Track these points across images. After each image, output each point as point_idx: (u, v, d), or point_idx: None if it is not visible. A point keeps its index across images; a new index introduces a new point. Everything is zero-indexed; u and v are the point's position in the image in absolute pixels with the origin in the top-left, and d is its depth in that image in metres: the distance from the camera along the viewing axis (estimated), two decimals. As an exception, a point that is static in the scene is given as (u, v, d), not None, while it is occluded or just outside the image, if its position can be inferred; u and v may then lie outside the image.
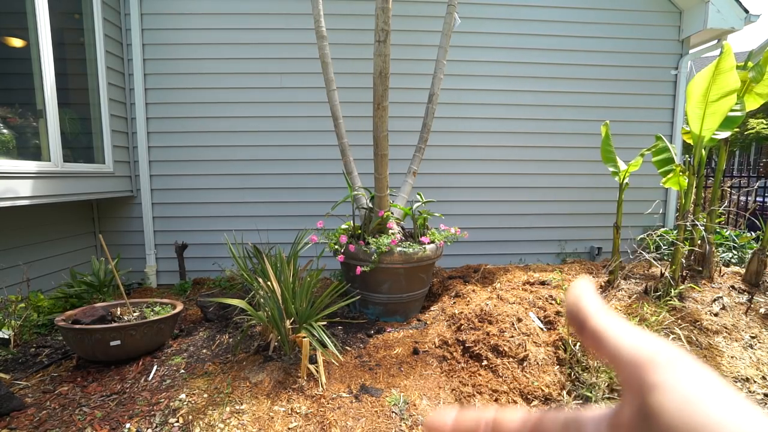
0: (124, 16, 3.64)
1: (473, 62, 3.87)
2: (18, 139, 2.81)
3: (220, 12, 3.68)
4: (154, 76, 3.70)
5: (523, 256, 4.10)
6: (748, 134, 9.76)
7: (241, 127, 3.79)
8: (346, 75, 3.66)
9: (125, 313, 2.33)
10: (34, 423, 1.67)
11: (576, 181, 4.08)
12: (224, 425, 1.67)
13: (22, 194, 2.56)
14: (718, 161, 2.93)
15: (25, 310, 2.55)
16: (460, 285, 3.07)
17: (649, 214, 4.01)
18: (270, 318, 2.14)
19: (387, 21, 2.38)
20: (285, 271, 2.27)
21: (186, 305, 3.09)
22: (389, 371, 2.10)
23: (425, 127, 2.99)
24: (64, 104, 3.03)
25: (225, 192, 3.84)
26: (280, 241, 3.69)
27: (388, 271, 2.61)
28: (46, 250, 3.16)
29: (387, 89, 2.52)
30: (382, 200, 2.71)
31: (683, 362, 0.19)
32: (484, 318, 2.39)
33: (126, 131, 3.72)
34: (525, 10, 3.87)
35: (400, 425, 1.69)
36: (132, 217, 3.81)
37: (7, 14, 2.88)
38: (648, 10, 3.94)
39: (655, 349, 0.20)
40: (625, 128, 4.00)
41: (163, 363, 2.17)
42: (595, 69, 3.97)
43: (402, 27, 3.68)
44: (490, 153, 3.99)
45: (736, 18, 3.66)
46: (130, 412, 1.74)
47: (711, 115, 2.55)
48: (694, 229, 2.81)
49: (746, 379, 2.08)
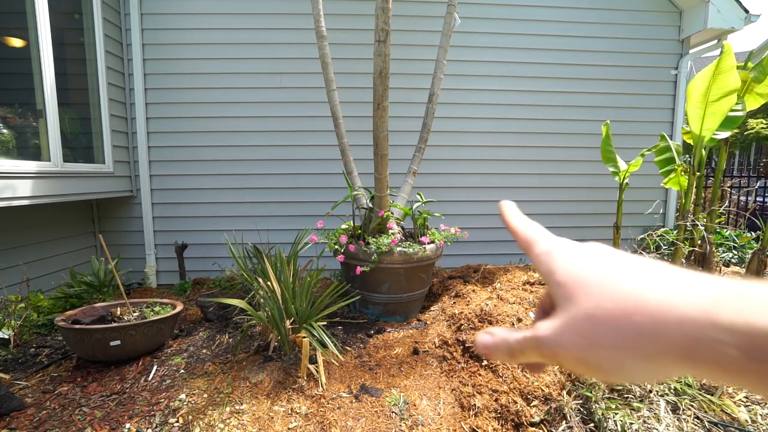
0: (124, 16, 3.64)
1: (473, 62, 3.87)
2: (18, 139, 2.81)
3: (220, 12, 3.68)
4: (153, 76, 3.70)
5: (523, 256, 4.10)
6: (748, 134, 9.76)
7: (241, 127, 3.79)
8: (346, 75, 3.66)
9: (125, 313, 2.32)
10: (34, 423, 1.67)
11: (576, 181, 4.08)
12: (224, 425, 1.67)
13: (22, 194, 2.56)
14: (718, 161, 2.93)
15: (25, 310, 2.55)
16: (460, 285, 3.07)
17: (649, 214, 4.01)
18: (270, 318, 2.14)
19: (387, 21, 2.38)
20: (285, 271, 2.27)
21: (186, 305, 3.09)
22: (389, 371, 2.10)
23: (425, 127, 2.99)
24: (64, 104, 3.02)
25: (225, 192, 3.84)
26: (280, 241, 3.69)
27: (388, 271, 2.61)
28: (46, 250, 3.16)
29: (387, 89, 2.52)
30: (382, 200, 2.71)
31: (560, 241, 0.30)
32: (485, 318, 2.39)
33: (126, 131, 3.72)
34: (525, 10, 3.87)
35: (400, 425, 1.69)
36: (132, 217, 3.80)
37: (7, 14, 2.88)
38: (648, 10, 3.94)
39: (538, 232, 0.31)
40: (625, 128, 4.00)
41: (163, 363, 2.17)
42: (595, 69, 3.97)
43: (402, 27, 3.68)
44: (490, 153, 3.99)
45: (736, 18, 3.65)
46: (130, 412, 1.74)
47: (711, 115, 2.55)
48: (695, 229, 2.81)
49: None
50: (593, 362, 0.24)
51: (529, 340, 0.27)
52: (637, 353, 0.22)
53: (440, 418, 1.74)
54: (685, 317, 0.21)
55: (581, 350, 0.24)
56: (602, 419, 1.61)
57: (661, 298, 0.22)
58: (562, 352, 0.25)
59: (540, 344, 0.26)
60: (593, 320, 0.24)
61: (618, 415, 1.60)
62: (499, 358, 0.29)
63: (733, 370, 0.20)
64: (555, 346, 0.25)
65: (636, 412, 1.64)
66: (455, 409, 1.79)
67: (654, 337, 0.22)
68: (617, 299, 0.23)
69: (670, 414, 1.62)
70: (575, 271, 0.26)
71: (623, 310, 0.23)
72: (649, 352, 0.22)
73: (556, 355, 0.25)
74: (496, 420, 1.68)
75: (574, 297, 0.25)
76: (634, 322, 0.22)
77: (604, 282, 0.25)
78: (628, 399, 1.71)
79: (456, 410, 1.79)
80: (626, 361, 0.23)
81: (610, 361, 0.23)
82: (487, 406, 1.74)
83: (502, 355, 0.29)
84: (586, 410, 1.70)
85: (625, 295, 0.23)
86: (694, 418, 1.61)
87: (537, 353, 0.27)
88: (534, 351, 0.27)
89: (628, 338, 0.22)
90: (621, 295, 0.23)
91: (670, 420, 1.59)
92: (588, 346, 0.24)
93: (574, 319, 0.25)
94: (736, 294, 0.21)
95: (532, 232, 0.31)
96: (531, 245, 0.30)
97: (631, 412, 1.63)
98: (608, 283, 0.24)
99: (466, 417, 1.72)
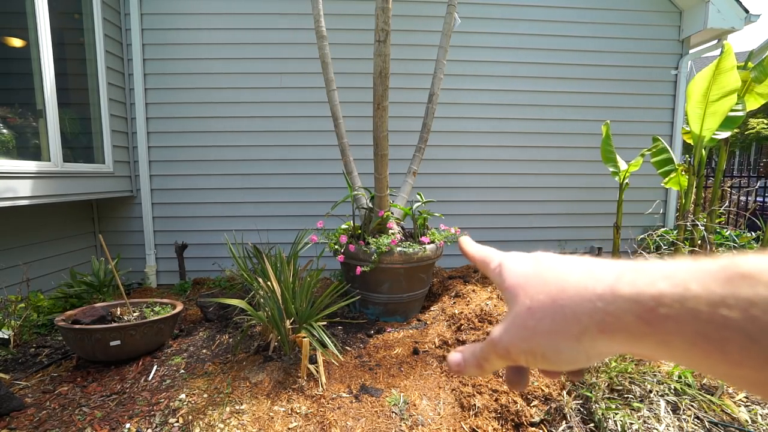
0: (124, 16, 3.64)
1: (473, 62, 3.87)
2: (18, 139, 2.81)
3: (220, 12, 3.68)
4: (153, 76, 3.70)
5: (523, 256, 4.10)
6: (749, 134, 9.76)
7: (241, 127, 3.79)
8: (346, 75, 3.65)
9: (125, 313, 2.32)
10: (34, 423, 1.67)
11: (576, 181, 4.08)
12: (224, 425, 1.67)
13: (22, 194, 2.56)
14: (718, 161, 2.93)
15: (25, 310, 2.55)
16: (460, 285, 3.07)
17: (649, 214, 4.01)
18: (270, 318, 2.14)
19: (387, 21, 2.38)
20: (285, 271, 2.27)
21: (186, 305, 3.09)
22: (389, 371, 2.10)
23: (425, 127, 2.99)
24: (64, 104, 3.02)
25: (225, 192, 3.84)
26: (280, 241, 3.68)
27: (388, 271, 2.61)
28: (46, 250, 3.16)
29: (387, 89, 2.52)
30: (382, 200, 2.71)
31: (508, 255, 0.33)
32: (485, 318, 2.39)
33: (126, 131, 3.72)
34: (525, 10, 3.87)
35: (400, 425, 1.69)
36: (132, 217, 3.80)
37: (7, 14, 2.88)
38: (648, 10, 3.94)
39: (490, 252, 0.34)
40: (626, 128, 4.00)
41: (163, 363, 2.17)
42: (595, 69, 3.97)
43: (402, 27, 3.68)
44: (490, 153, 3.99)
45: (736, 18, 3.65)
46: (129, 412, 1.74)
47: (711, 115, 2.55)
48: (695, 229, 2.81)
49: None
50: (537, 351, 0.26)
51: (487, 345, 0.29)
52: (567, 334, 0.25)
53: (440, 418, 1.74)
54: (595, 293, 0.24)
55: (525, 342, 0.27)
56: (602, 419, 1.61)
57: (577, 282, 0.26)
58: (512, 347, 0.28)
59: (495, 345, 0.29)
60: (530, 311, 0.27)
61: (618, 415, 1.60)
62: (470, 372, 0.31)
63: (635, 338, 0.22)
64: (506, 343, 0.28)
65: (636, 412, 1.63)
66: (455, 409, 1.79)
67: (575, 316, 0.24)
68: (546, 290, 0.27)
69: (670, 414, 1.62)
70: (517, 275, 0.30)
71: (551, 297, 0.26)
72: (575, 331, 0.25)
73: (509, 353, 0.28)
74: (496, 420, 1.68)
75: (517, 296, 0.28)
76: (559, 306, 0.25)
77: (538, 279, 0.28)
78: (628, 399, 1.71)
79: (456, 410, 1.79)
80: (561, 344, 0.25)
81: (549, 346, 0.26)
82: (487, 406, 1.74)
83: (473, 369, 0.31)
84: (586, 410, 1.70)
85: (552, 285, 0.27)
86: (694, 418, 1.61)
87: (496, 356, 0.29)
88: (493, 354, 0.29)
89: (557, 321, 0.25)
90: (549, 285, 0.27)
91: (670, 420, 1.58)
92: (529, 337, 0.27)
93: (517, 315, 0.28)
94: (633, 269, 0.24)
95: (485, 254, 0.35)
96: (486, 265, 0.34)
97: (631, 412, 1.63)
98: (541, 279, 0.28)
99: (466, 417, 1.72)
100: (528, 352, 0.27)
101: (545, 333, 0.26)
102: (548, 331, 0.26)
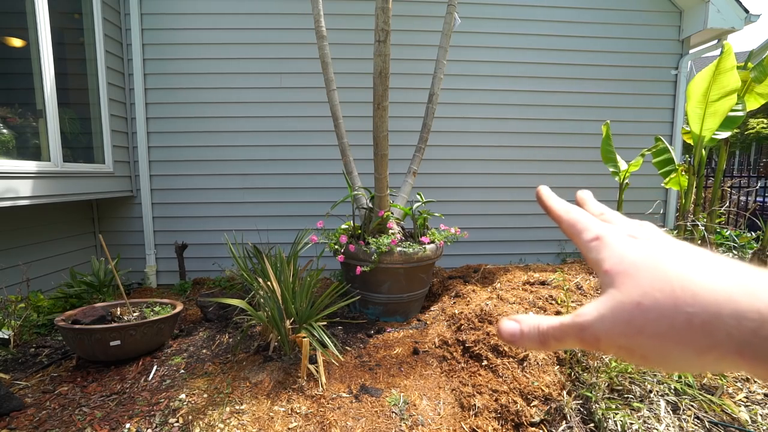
0: (124, 16, 3.64)
1: (473, 62, 3.87)
2: (18, 139, 2.81)
3: (220, 12, 3.68)
4: (154, 76, 3.70)
5: (523, 256, 4.10)
6: (749, 134, 9.76)
7: (241, 127, 3.79)
8: (346, 75, 3.66)
9: (125, 313, 2.32)
10: (34, 423, 1.67)
11: (576, 180, 4.08)
12: (224, 425, 1.67)
13: (22, 194, 2.56)
14: (718, 161, 2.93)
15: (24, 310, 2.55)
16: (460, 285, 3.07)
17: (649, 214, 4.01)
18: (270, 318, 2.14)
19: (387, 21, 2.38)
20: (285, 271, 2.27)
21: (186, 305, 3.09)
22: (389, 371, 2.10)
23: (425, 127, 2.99)
24: (64, 104, 3.02)
25: (225, 192, 3.84)
26: (280, 241, 3.69)
27: (388, 271, 2.61)
28: (46, 250, 3.16)
29: (387, 89, 2.52)
30: (382, 200, 2.71)
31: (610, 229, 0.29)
32: (484, 318, 2.39)
33: (126, 131, 3.72)
34: (524, 10, 3.87)
35: (400, 425, 1.69)
36: (132, 217, 3.80)
37: (7, 14, 2.88)
38: (648, 10, 3.94)
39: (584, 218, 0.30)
40: (625, 128, 4.00)
41: (163, 363, 2.17)
42: (595, 69, 3.97)
43: (402, 27, 3.68)
44: (490, 153, 3.99)
45: (736, 18, 3.65)
46: (129, 412, 1.74)
47: (711, 115, 2.55)
48: (695, 229, 2.81)
49: (746, 379, 2.08)
50: (637, 350, 0.24)
51: (569, 326, 0.26)
52: (688, 345, 0.22)
53: (440, 418, 1.74)
54: (741, 309, 0.20)
55: (625, 338, 0.24)
56: (602, 419, 1.61)
57: (713, 289, 0.21)
58: (606, 339, 0.25)
59: (582, 330, 0.26)
60: (640, 308, 0.23)
61: (618, 415, 1.60)
62: (527, 346, 0.28)
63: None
64: (598, 332, 0.25)
65: (636, 412, 1.63)
66: (455, 409, 1.79)
67: (707, 330, 0.21)
68: (666, 288, 0.23)
69: (670, 414, 1.62)
70: (623, 259, 0.26)
71: (673, 299, 0.22)
72: (701, 344, 0.21)
73: (598, 341, 0.25)
74: (496, 420, 1.68)
75: (622, 285, 0.25)
76: (686, 312, 0.22)
77: (655, 272, 0.24)
78: (628, 399, 1.71)
79: (456, 410, 1.79)
80: (674, 351, 0.22)
81: (655, 350, 0.23)
82: (487, 406, 1.74)
83: (532, 343, 0.28)
84: (586, 410, 1.70)
85: (675, 283, 0.23)
86: (694, 418, 1.61)
87: (577, 340, 0.26)
88: (574, 338, 0.26)
89: (677, 329, 0.22)
90: (671, 283, 0.23)
91: (670, 420, 1.59)
92: (633, 334, 0.23)
93: (620, 306, 0.24)
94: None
95: (579, 219, 0.30)
96: (578, 232, 0.30)
97: (632, 412, 1.63)
98: (659, 272, 0.24)
99: (466, 417, 1.72)
100: (625, 348, 0.24)
101: (656, 336, 0.23)
102: (662, 334, 0.22)
